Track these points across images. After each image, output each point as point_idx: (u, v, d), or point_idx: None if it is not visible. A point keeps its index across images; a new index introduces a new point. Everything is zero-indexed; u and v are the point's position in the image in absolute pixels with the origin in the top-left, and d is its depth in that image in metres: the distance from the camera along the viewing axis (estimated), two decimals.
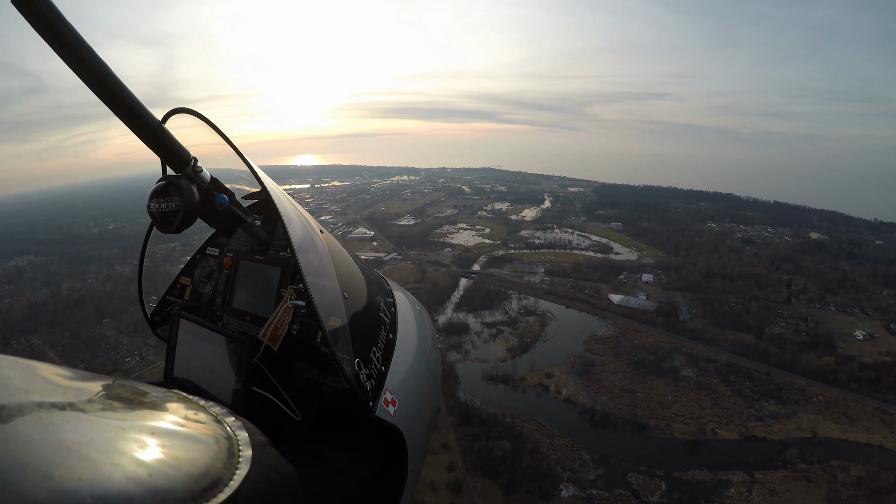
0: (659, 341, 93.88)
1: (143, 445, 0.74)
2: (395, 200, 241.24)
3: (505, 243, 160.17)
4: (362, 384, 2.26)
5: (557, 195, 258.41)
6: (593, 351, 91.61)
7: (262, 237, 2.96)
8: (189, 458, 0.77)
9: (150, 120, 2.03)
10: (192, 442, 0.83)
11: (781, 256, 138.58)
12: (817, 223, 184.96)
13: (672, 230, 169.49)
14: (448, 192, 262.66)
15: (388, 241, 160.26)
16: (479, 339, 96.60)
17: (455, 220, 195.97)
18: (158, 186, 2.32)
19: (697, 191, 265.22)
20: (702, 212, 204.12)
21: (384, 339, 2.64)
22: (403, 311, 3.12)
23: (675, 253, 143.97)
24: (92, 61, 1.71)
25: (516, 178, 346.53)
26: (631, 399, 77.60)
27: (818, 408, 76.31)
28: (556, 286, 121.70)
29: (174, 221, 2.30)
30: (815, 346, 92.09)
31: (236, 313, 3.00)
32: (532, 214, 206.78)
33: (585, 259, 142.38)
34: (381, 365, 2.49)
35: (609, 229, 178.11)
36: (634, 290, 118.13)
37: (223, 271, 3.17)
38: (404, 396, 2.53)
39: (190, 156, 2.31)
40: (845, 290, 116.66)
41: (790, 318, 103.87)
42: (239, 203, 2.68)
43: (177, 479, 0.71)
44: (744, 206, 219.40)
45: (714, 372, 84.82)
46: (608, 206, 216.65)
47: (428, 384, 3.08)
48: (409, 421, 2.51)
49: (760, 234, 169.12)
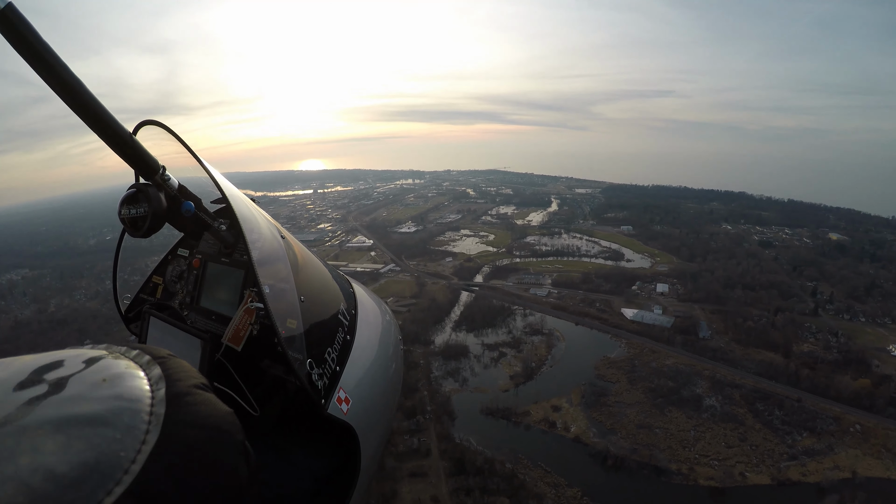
0: (678, 363, 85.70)
1: (17, 444, 0.68)
2: (397, 206, 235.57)
3: (510, 251, 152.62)
4: (314, 383, 2.37)
5: (564, 197, 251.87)
6: (605, 377, 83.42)
7: (228, 241, 3.09)
8: (76, 453, 0.70)
9: (121, 131, 2.17)
10: (86, 428, 0.75)
11: (803, 261, 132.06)
12: (835, 222, 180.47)
13: (685, 233, 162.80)
14: (452, 196, 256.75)
15: (386, 251, 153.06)
16: (479, 364, 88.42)
17: (458, 226, 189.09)
18: (128, 194, 2.54)
19: (708, 190, 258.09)
20: (715, 212, 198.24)
21: (340, 341, 2.75)
22: (365, 314, 3.22)
23: (691, 259, 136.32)
24: (66, 75, 1.82)
25: (522, 180, 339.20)
26: (649, 437, 69.44)
27: (856, 440, 69.08)
28: (565, 299, 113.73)
29: (143, 226, 2.52)
30: (847, 365, 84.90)
31: (204, 312, 3.13)
32: (538, 218, 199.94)
33: (595, 267, 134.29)
34: (335, 365, 2.59)
35: (619, 233, 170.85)
36: (649, 302, 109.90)
37: (192, 272, 3.29)
38: (359, 396, 2.64)
39: (158, 165, 2.50)
40: (873, 298, 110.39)
41: (819, 332, 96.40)
42: (205, 209, 2.88)
43: (55, 487, 0.64)
44: (757, 206, 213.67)
45: (740, 400, 76.86)
46: (617, 209, 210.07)
47: (385, 384, 3.17)
48: (363, 418, 2.63)
49: (778, 235, 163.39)
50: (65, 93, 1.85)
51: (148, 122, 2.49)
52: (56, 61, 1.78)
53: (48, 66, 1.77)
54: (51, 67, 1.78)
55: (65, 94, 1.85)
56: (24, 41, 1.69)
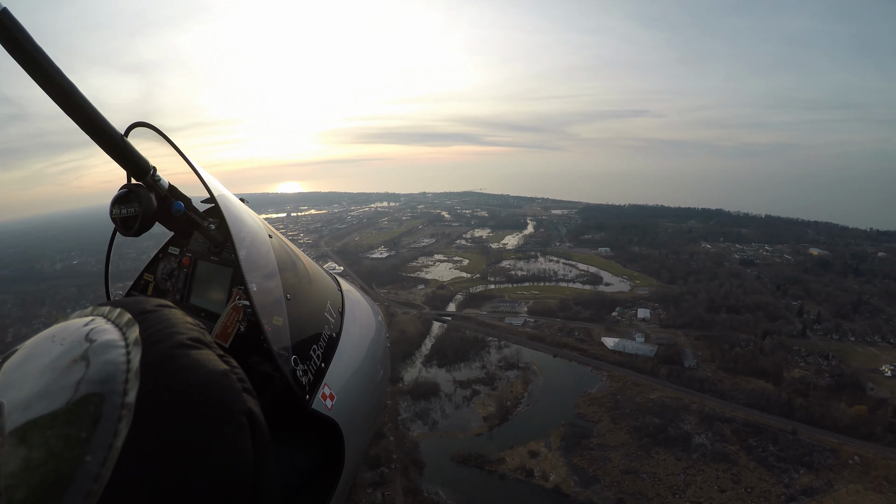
0: (664, 397, 79.88)
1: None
2: (370, 230, 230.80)
3: (484, 277, 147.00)
4: (298, 379, 2.40)
5: (540, 219, 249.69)
6: (587, 416, 77.02)
7: (217, 240, 3.14)
8: (35, 468, 0.62)
9: (113, 133, 2.18)
10: (48, 431, 0.67)
11: (786, 279, 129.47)
12: (814, 237, 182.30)
13: (665, 254, 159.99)
14: (427, 220, 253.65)
15: (356, 278, 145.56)
16: (451, 403, 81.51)
17: (432, 250, 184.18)
18: (120, 194, 2.58)
19: (686, 208, 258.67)
20: (693, 231, 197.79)
21: (326, 338, 2.77)
22: (352, 313, 3.25)
23: (672, 281, 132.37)
24: (60, 79, 1.84)
25: (498, 202, 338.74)
26: (635, 483, 63.09)
27: (856, 474, 64.80)
28: (542, 329, 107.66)
29: (133, 226, 2.56)
30: (841, 390, 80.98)
31: (193, 309, 3.13)
32: (514, 241, 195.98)
33: (573, 293, 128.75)
34: (320, 362, 2.62)
35: (597, 255, 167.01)
36: (630, 330, 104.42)
37: (182, 270, 3.34)
38: (344, 392, 2.67)
39: (149, 166, 2.53)
40: (861, 315, 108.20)
41: (809, 355, 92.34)
42: (195, 208, 2.93)
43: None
44: (736, 223, 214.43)
45: (732, 436, 71.35)
46: (594, 230, 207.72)
47: (370, 381, 3.16)
48: (348, 415, 2.64)
49: (759, 252, 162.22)
50: (59, 96, 1.87)
51: (139, 124, 2.53)
52: (50, 65, 1.80)
53: (43, 70, 1.78)
54: (45, 71, 1.79)
55: (59, 98, 1.87)
56: (19, 45, 1.70)
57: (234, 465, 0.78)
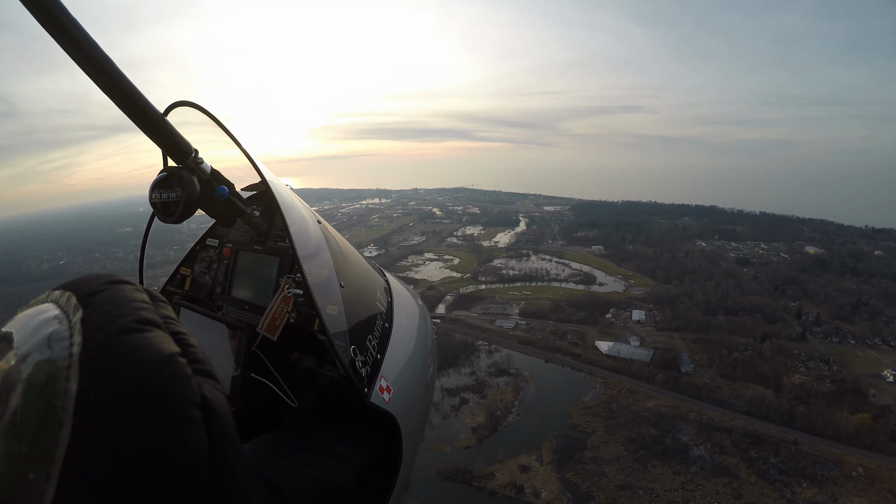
0: (660, 405, 76.90)
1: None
2: (360, 227, 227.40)
3: (475, 277, 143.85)
4: (358, 371, 2.33)
5: (533, 216, 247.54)
6: (580, 426, 73.83)
7: (262, 228, 3.02)
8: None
9: (152, 112, 2.08)
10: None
11: (783, 279, 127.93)
12: (809, 234, 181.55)
13: (659, 253, 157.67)
14: (418, 216, 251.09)
15: None
16: (438, 413, 77.85)
17: (422, 249, 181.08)
18: (160, 177, 2.41)
19: (679, 204, 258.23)
20: (687, 228, 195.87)
21: (380, 328, 2.68)
22: (399, 301, 3.12)
23: (667, 281, 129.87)
24: (97, 55, 1.73)
25: (490, 198, 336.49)
26: (631, 501, 60.38)
27: (860, 486, 63.12)
28: (533, 332, 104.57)
29: (175, 211, 2.38)
30: (843, 397, 79.07)
31: (236, 302, 3.07)
32: (506, 239, 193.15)
33: (566, 293, 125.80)
34: (376, 353, 2.54)
35: (590, 254, 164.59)
36: (625, 332, 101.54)
37: (223, 261, 3.23)
38: (399, 384, 2.58)
39: (191, 147, 2.37)
40: (860, 317, 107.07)
41: (809, 360, 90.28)
42: (238, 194, 2.75)
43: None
44: (730, 220, 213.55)
45: (731, 447, 68.77)
46: (587, 227, 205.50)
47: (423, 373, 3.03)
48: (404, 408, 2.55)
49: (754, 251, 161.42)
50: (96, 73, 1.73)
51: (181, 103, 2.37)
52: (87, 40, 1.66)
53: (80, 46, 1.64)
54: (82, 47, 1.65)
55: (96, 75, 1.73)
56: (55, 20, 1.58)
57: (184, 465, 0.69)
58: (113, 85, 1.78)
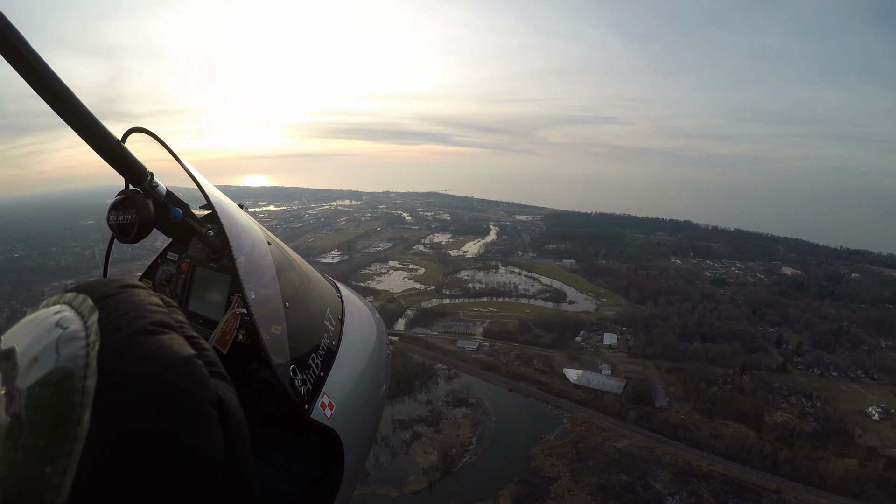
0: (632, 446, 69.14)
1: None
2: (327, 230, 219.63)
3: (439, 290, 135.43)
4: (297, 388, 2.38)
5: (504, 225, 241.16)
6: (543, 470, 65.27)
7: (216, 246, 3.12)
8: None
9: (109, 139, 2.16)
10: (1, 451, 0.63)
11: (761, 302, 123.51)
12: (785, 254, 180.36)
13: (633, 269, 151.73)
14: (387, 221, 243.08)
15: None
16: (388, 449, 68.82)
17: (387, 256, 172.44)
18: (117, 200, 2.58)
19: (654, 218, 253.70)
20: (662, 244, 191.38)
21: (325, 346, 2.74)
22: (352, 318, 3.20)
23: (641, 301, 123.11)
24: (55, 85, 1.79)
25: (462, 204, 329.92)
26: None
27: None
28: (497, 355, 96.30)
29: (131, 232, 2.57)
30: (827, 437, 73.52)
31: (192, 316, 3.13)
32: (475, 249, 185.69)
33: (534, 312, 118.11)
34: (319, 371, 2.59)
35: (561, 268, 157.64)
36: (595, 359, 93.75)
37: (181, 276, 3.33)
38: (344, 401, 2.65)
39: (147, 171, 2.52)
40: (842, 346, 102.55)
41: (791, 394, 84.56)
42: (193, 214, 2.91)
43: None
44: (705, 236, 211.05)
45: (710, 497, 61.54)
46: (559, 239, 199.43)
47: (372, 388, 3.12)
48: (347, 424, 2.63)
49: (731, 271, 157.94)
50: (54, 100, 1.79)
51: (136, 129, 2.51)
52: (45, 70, 1.72)
53: (37, 75, 1.70)
54: (39, 76, 1.71)
55: (54, 102, 1.80)
56: (14, 49, 1.62)
57: (201, 461, 0.71)
58: (71, 112, 1.85)
